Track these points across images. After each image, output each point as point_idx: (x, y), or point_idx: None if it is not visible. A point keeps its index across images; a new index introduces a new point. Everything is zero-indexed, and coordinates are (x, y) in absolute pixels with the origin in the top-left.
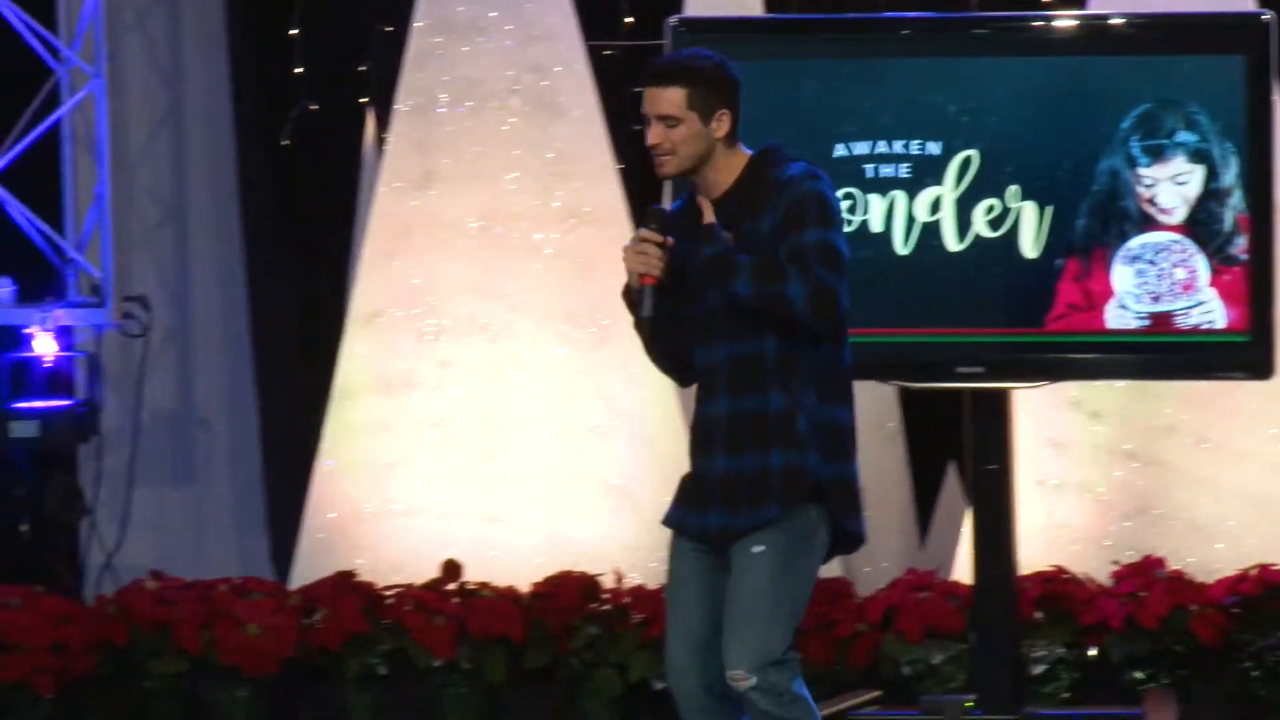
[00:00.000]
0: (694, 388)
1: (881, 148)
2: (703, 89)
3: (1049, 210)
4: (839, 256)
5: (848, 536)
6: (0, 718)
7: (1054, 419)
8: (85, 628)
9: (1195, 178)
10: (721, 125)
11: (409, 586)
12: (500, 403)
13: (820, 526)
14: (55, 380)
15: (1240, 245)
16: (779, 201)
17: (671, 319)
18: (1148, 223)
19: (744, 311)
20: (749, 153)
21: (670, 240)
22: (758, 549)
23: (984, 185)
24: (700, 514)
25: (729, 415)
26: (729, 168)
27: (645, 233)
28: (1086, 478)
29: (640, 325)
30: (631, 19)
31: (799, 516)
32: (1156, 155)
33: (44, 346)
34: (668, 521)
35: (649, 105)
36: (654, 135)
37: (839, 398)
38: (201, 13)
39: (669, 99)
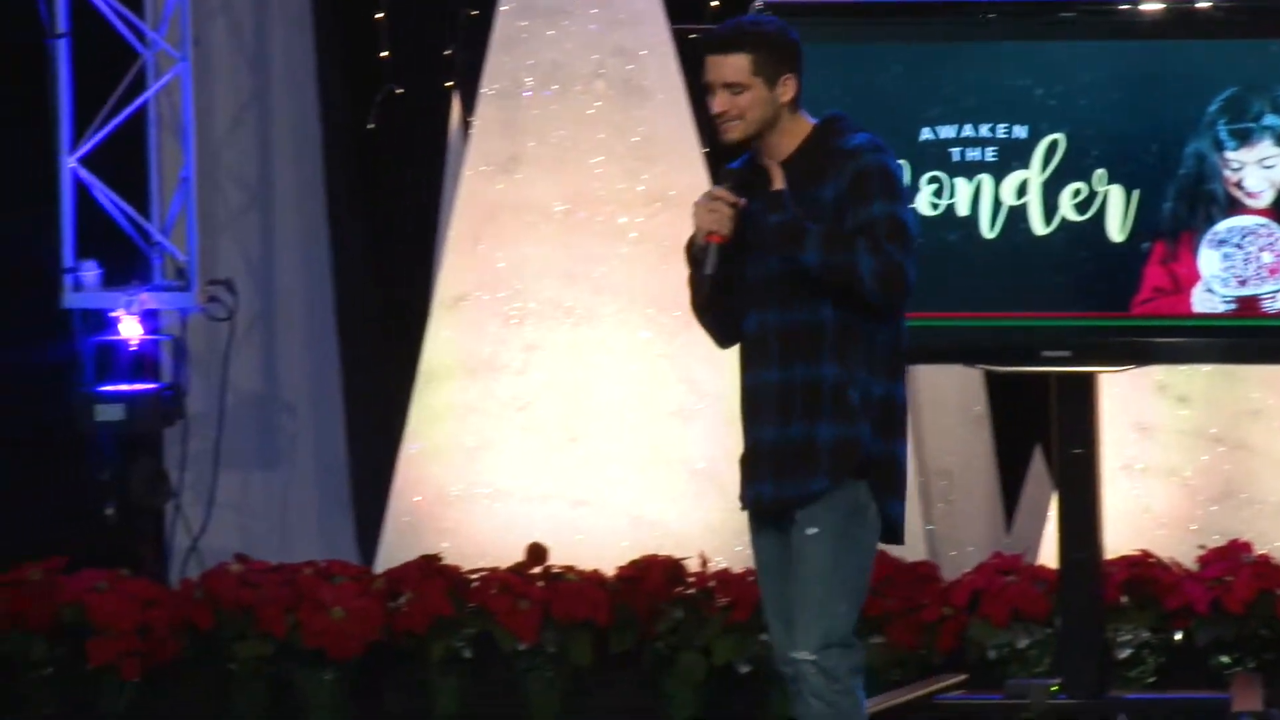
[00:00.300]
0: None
1: (968, 131)
2: (767, 54)
3: (1135, 194)
4: (907, 232)
5: (888, 522)
6: (87, 700)
7: (1140, 403)
8: (170, 611)
9: None
10: (787, 90)
11: (494, 570)
12: (585, 386)
13: (870, 503)
14: (141, 364)
15: None
16: (843, 170)
17: (733, 279)
18: (1234, 206)
19: (807, 279)
20: (813, 121)
21: (744, 202)
22: (811, 531)
23: (1070, 169)
24: (753, 485)
25: (779, 383)
26: (793, 133)
27: (719, 191)
28: (1172, 462)
29: (699, 282)
30: (717, 2)
31: (848, 493)
32: (1243, 139)
33: (129, 330)
34: (741, 503)
35: (713, 73)
36: (719, 103)
37: (894, 374)
38: None
39: (734, 65)
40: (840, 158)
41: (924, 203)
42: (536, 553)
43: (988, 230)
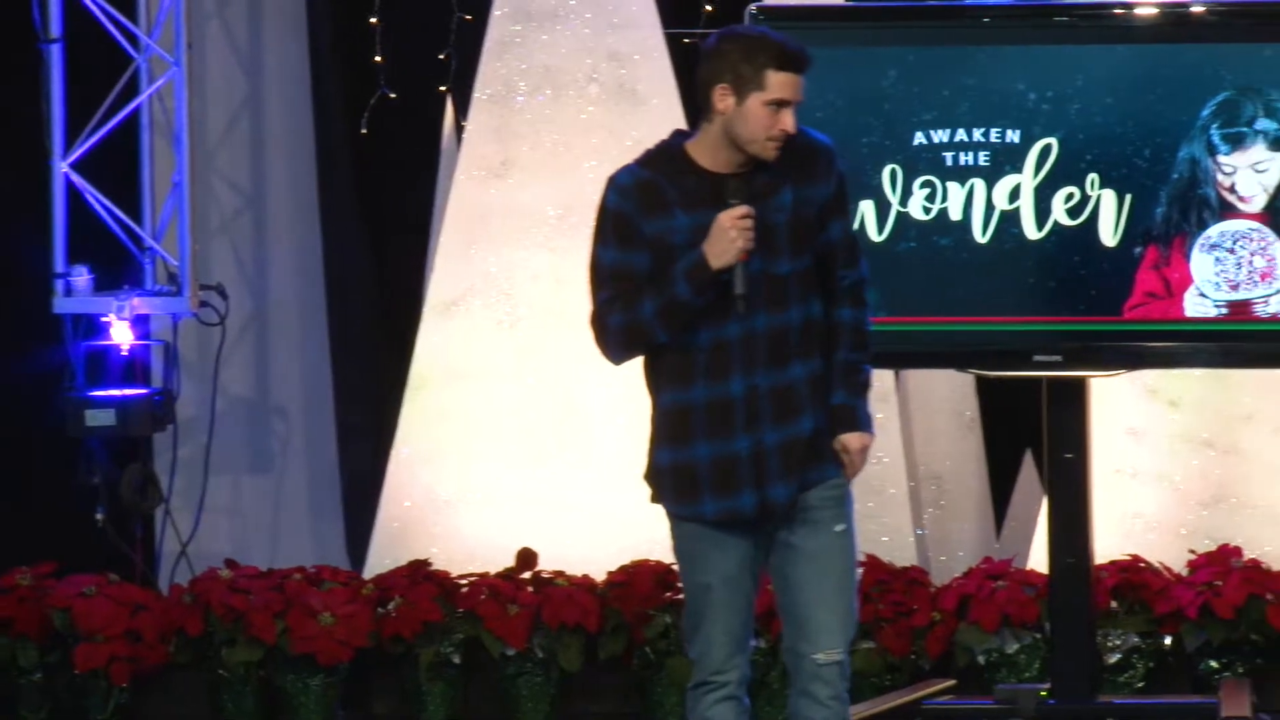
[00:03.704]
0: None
1: (961, 136)
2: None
3: (1128, 198)
4: None
5: None
6: (76, 706)
7: (1131, 407)
8: (160, 616)
9: (1275, 165)
10: None
11: (483, 575)
12: (576, 391)
13: None
14: (132, 369)
15: None
16: (829, 172)
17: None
18: (1227, 211)
19: (794, 281)
20: None
21: (753, 210)
22: (839, 528)
23: (1063, 173)
24: (751, 492)
25: (773, 386)
26: None
27: (745, 208)
28: (1163, 466)
29: (736, 301)
30: (711, 6)
31: (847, 486)
32: (1236, 143)
33: (121, 335)
34: (704, 510)
35: (794, 92)
36: (791, 122)
37: None
38: (281, 1)
39: (802, 85)
40: (819, 154)
41: (917, 207)
42: (526, 558)
43: (980, 235)
